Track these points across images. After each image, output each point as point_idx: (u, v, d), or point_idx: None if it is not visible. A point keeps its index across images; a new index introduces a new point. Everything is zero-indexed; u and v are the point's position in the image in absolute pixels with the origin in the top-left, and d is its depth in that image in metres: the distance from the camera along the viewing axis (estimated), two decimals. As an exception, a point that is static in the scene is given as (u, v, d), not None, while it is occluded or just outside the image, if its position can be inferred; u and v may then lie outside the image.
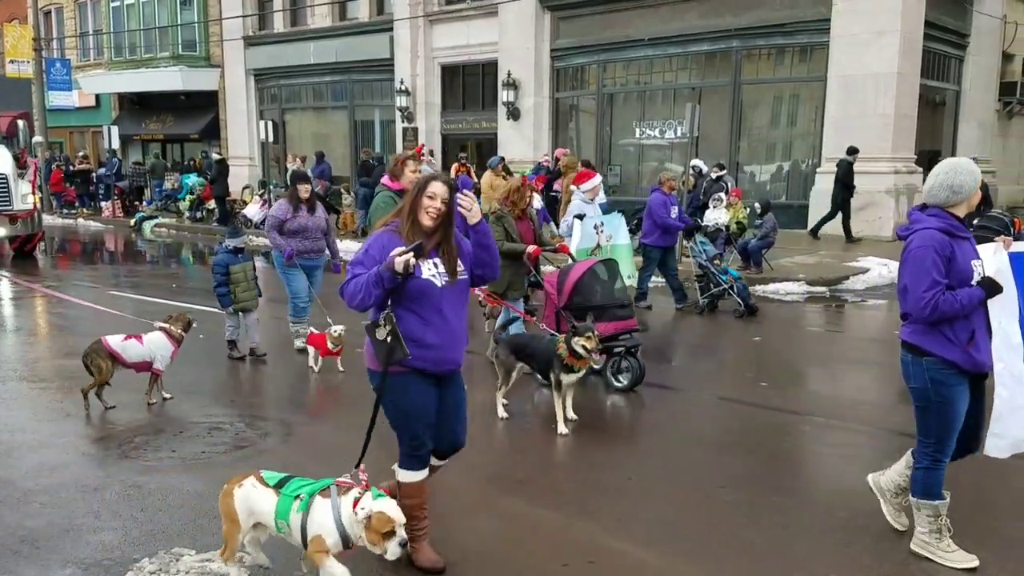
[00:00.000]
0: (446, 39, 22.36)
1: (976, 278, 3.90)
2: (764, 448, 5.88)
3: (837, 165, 15.32)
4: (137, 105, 30.96)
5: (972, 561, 4.02)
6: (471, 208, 3.86)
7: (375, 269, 3.65)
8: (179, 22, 28.01)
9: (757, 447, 5.90)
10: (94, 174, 27.06)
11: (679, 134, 18.43)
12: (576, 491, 5.10)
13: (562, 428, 6.07)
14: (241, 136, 27.56)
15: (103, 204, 25.75)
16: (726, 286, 10.47)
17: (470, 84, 22.73)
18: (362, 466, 3.65)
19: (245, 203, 21.94)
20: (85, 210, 26.10)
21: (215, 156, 22.56)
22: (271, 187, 21.01)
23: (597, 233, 8.87)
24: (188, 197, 23.35)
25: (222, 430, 6.12)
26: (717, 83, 18.41)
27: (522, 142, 20.56)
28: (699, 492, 5.02)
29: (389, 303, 3.72)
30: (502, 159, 17.07)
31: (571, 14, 20.06)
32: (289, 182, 8.65)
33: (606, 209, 9.72)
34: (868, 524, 4.50)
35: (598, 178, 9.82)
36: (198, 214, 22.88)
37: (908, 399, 4.21)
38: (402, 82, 22.75)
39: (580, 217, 8.81)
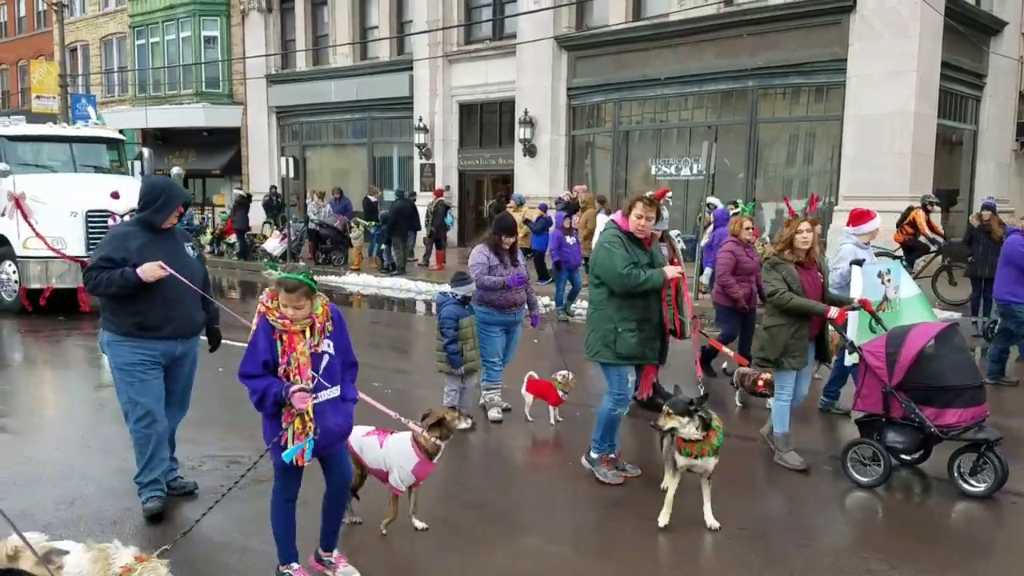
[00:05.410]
0: (465, 78, 22.70)
1: None
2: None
3: None
4: (160, 140, 31.43)
5: None
6: None
7: None
8: (203, 60, 28.58)
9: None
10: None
11: (695, 171, 18.54)
12: (593, 530, 5.09)
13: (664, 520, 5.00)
14: (262, 172, 27.93)
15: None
16: None
17: (487, 121, 23.03)
18: None
19: (265, 237, 22.16)
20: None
21: (243, 192, 22.89)
22: (291, 222, 21.24)
23: (883, 283, 7.03)
24: (209, 231, 23.67)
25: (240, 463, 6.14)
26: (733, 121, 18.53)
27: (538, 179, 20.74)
28: (719, 535, 5.00)
29: None
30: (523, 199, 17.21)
31: (588, 54, 20.32)
32: (493, 229, 7.54)
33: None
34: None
35: (879, 219, 7.69)
36: (219, 248, 23.14)
37: None
38: (421, 119, 23.05)
39: (859, 263, 7.02)
